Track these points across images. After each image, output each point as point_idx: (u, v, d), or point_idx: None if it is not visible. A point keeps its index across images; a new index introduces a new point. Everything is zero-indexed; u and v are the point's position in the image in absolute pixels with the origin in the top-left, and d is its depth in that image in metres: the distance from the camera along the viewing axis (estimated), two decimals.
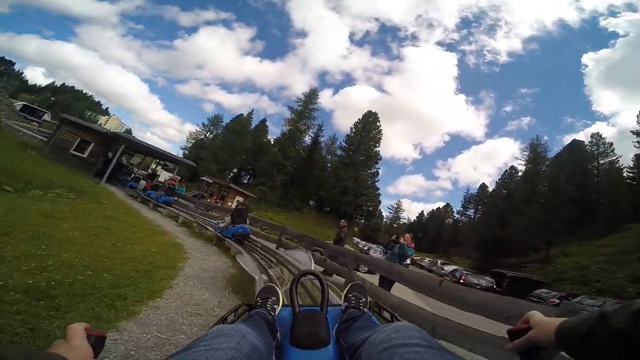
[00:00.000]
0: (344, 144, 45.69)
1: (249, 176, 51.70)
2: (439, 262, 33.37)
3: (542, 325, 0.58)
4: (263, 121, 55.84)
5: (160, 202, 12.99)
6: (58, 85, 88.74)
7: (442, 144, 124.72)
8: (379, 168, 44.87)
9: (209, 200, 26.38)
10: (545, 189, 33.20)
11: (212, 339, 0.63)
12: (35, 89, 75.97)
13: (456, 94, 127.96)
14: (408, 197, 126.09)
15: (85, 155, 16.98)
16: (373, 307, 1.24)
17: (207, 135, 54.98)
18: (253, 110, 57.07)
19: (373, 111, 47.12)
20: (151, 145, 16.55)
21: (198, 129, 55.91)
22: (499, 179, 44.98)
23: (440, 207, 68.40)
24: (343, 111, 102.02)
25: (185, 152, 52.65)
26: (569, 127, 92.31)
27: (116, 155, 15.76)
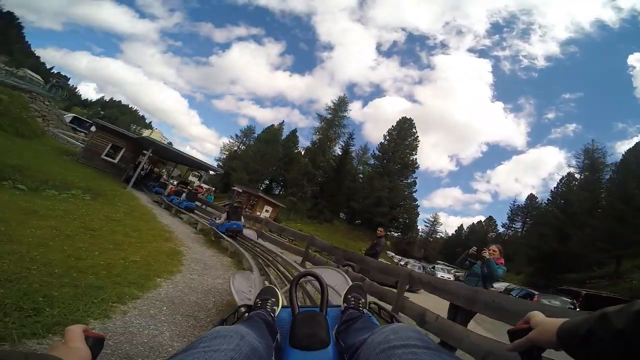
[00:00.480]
0: (377, 152, 43.55)
1: (280, 188, 51.41)
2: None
3: (543, 326, 0.58)
4: (293, 132, 55.70)
5: (182, 208, 12.17)
6: (107, 100, 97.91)
7: (479, 155, 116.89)
8: (416, 178, 41.87)
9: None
10: (611, 197, 28.71)
11: (211, 340, 0.63)
12: (87, 103, 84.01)
13: (493, 102, 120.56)
14: (444, 211, 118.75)
15: (116, 161, 16.99)
16: (372, 307, 1.22)
17: (240, 146, 56.01)
18: (284, 121, 57.02)
19: (408, 117, 44.78)
20: (178, 151, 16.13)
21: (231, 141, 57.25)
22: (555, 188, 39.90)
23: (482, 220, 63.61)
24: (373, 123, 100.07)
25: (220, 163, 53.90)
26: (620, 133, 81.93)
27: (144, 160, 15.41)
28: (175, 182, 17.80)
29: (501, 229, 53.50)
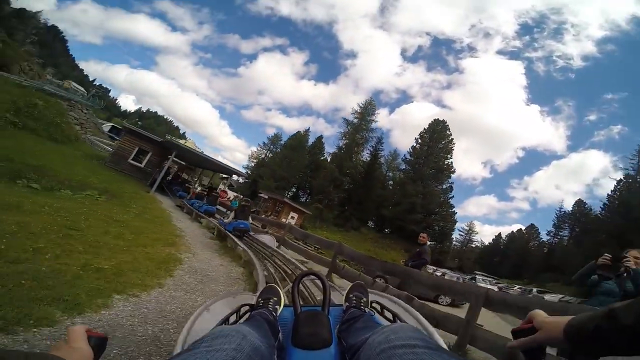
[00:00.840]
0: (408, 156, 41.16)
1: (306, 195, 50.61)
2: (534, 290, 26.05)
3: (550, 325, 0.58)
4: (319, 138, 54.88)
5: (201, 212, 11.46)
6: (144, 111, 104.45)
7: (515, 161, 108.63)
8: (452, 183, 38.77)
9: (263, 215, 25.18)
10: None
11: (213, 340, 0.62)
12: (125, 114, 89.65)
13: (528, 105, 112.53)
14: (478, 220, 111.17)
15: (142, 165, 16.94)
16: (374, 307, 1.19)
17: (267, 154, 56.30)
18: (309, 128, 56.44)
19: (440, 119, 42.13)
20: (201, 154, 15.69)
21: (259, 149, 57.74)
22: (612, 192, 35.46)
23: (522, 228, 58.58)
24: (401, 130, 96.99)
25: (248, 171, 54.42)
26: None
27: (167, 163, 15.10)
28: (198, 187, 17.39)
29: (545, 238, 49.32)
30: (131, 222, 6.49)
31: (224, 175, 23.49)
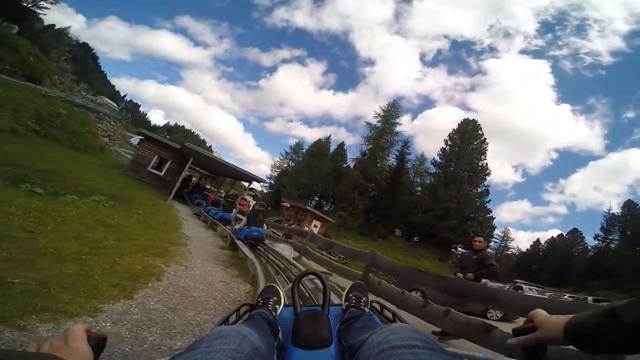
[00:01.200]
0: (438, 159, 38.63)
1: (329, 204, 49.28)
2: (589, 298, 22.47)
3: (549, 324, 0.58)
4: (341, 145, 53.72)
5: (216, 219, 10.61)
6: (172, 125, 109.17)
7: (549, 164, 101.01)
8: (487, 186, 35.54)
9: (285, 224, 24.22)
10: None
11: (212, 341, 0.62)
12: (155, 128, 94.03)
13: (558, 105, 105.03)
14: (512, 226, 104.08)
15: (162, 174, 16.59)
16: (374, 306, 1.22)
17: (290, 163, 55.94)
18: (330, 135, 55.25)
19: (470, 119, 39.37)
20: (219, 159, 15.04)
21: (282, 158, 57.56)
22: None
23: (563, 233, 53.86)
24: (425, 136, 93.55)
25: (271, 181, 54.26)
26: None
27: (185, 169, 14.57)
28: (218, 195, 16.75)
29: (591, 242, 45.06)
30: (127, 227, 5.60)
31: (249, 186, 22.91)
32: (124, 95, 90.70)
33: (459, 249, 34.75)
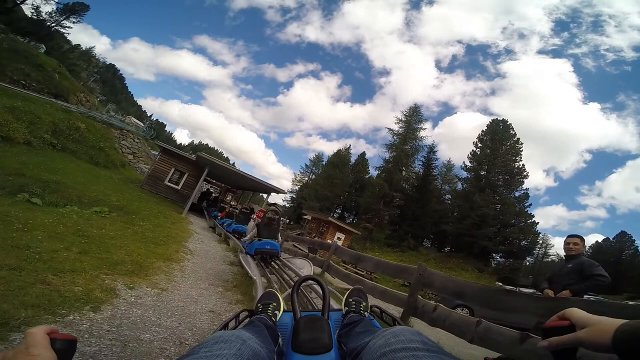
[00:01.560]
0: (468, 164, 35.97)
1: (352, 217, 47.52)
2: None
3: (597, 326, 0.50)
4: (362, 155, 52.28)
5: (229, 232, 9.64)
6: (197, 144, 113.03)
7: (583, 166, 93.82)
8: (526, 189, 32.26)
9: (307, 237, 22.95)
10: None
11: (212, 346, 0.61)
12: (180, 147, 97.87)
13: (585, 104, 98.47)
14: (548, 232, 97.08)
15: (179, 187, 16.08)
16: (374, 310, 1.21)
17: (310, 176, 55.16)
18: (350, 145, 54.03)
19: (500, 119, 36.64)
20: (235, 169, 14.25)
21: (302, 172, 56.98)
22: None
23: (610, 238, 50.27)
24: (449, 143, 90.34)
25: (292, 195, 53.57)
26: None
27: (200, 180, 13.91)
28: (236, 207, 15.91)
29: None
30: (111, 239, 4.66)
31: (267, 197, 22.05)
32: (150, 115, 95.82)
33: (497, 257, 31.48)
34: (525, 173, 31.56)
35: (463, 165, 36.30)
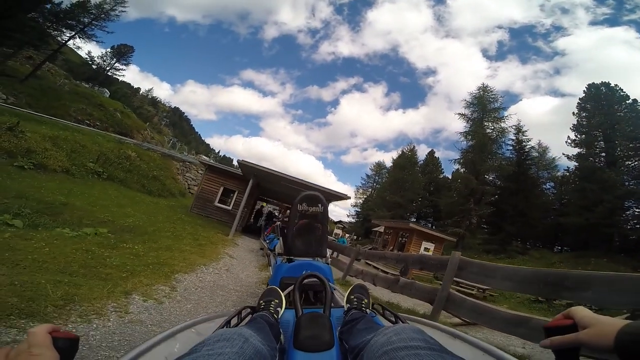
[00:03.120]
0: (574, 136, 27.72)
1: (430, 224, 41.26)
2: None
3: (599, 327, 0.49)
4: (431, 154, 46.00)
5: (271, 249, 6.98)
6: None
7: None
8: None
9: (381, 250, 19.01)
10: None
11: (214, 344, 0.60)
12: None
13: None
14: None
15: (230, 207, 14.32)
16: (376, 308, 1.19)
17: (374, 185, 50.96)
18: (414, 146, 47.70)
19: (596, 82, 28.25)
20: (281, 173, 11.70)
21: (363, 183, 53.14)
22: None
23: None
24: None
25: (357, 209, 49.88)
26: None
27: (246, 193, 11.79)
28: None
29: None
30: (71, 264, 2.16)
31: (337, 219, 19.15)
32: (218, 151, 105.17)
33: None
34: None
35: (567, 140, 28.11)
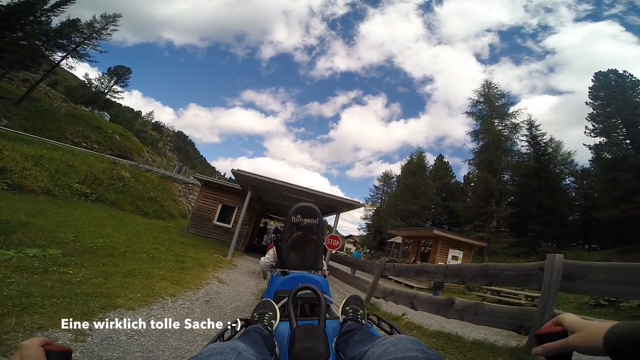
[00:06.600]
0: (592, 126, 26.05)
1: (449, 230, 38.97)
2: None
3: (587, 330, 0.51)
4: (440, 159, 44.43)
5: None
6: None
7: None
8: None
9: (399, 261, 17.30)
10: None
11: (207, 358, 0.59)
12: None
13: None
14: None
15: (230, 226, 13.10)
16: (371, 318, 1.17)
17: (383, 196, 49.21)
18: (423, 151, 46.21)
19: (605, 70, 27.13)
20: (282, 182, 10.47)
21: (371, 194, 51.42)
22: None
23: None
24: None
25: (368, 221, 47.96)
26: None
27: (244, 206, 10.64)
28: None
29: None
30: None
31: (336, 217, 17.79)
32: (224, 174, 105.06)
33: None
34: None
35: (586, 130, 26.53)
